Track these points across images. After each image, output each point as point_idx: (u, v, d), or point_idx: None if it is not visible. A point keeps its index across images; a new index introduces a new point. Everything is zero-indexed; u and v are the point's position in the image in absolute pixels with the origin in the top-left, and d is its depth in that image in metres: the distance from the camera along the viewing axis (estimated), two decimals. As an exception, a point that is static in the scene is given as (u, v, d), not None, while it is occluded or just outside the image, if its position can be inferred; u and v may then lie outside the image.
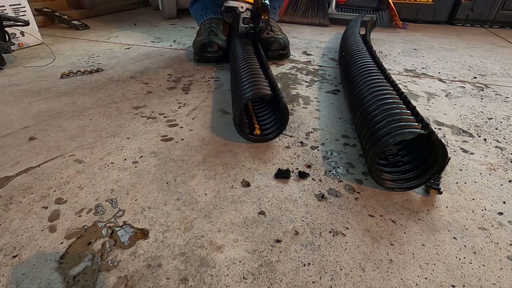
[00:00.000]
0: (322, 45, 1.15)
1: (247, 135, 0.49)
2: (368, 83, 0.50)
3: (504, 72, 0.91)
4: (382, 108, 0.41)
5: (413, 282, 0.29)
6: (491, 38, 1.37)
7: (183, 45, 1.07)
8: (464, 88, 0.78)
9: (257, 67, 0.56)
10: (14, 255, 0.30)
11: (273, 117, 0.53)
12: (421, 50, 1.13)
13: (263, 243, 0.32)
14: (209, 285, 0.28)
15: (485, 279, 0.29)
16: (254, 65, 0.57)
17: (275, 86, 0.50)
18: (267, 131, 0.51)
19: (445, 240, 0.34)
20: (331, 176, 0.43)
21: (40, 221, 0.34)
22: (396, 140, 0.35)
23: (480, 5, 1.54)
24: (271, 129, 0.51)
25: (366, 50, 0.67)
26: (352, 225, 0.35)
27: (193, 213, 0.36)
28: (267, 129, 0.52)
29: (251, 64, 0.57)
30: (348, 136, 0.53)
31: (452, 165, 0.46)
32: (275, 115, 0.52)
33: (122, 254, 0.31)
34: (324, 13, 1.52)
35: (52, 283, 0.28)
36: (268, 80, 0.52)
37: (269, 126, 0.52)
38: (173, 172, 0.43)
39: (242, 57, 0.62)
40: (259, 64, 0.59)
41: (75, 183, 0.40)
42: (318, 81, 0.78)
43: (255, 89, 0.47)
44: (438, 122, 0.59)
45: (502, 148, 0.51)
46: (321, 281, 0.29)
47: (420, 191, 0.40)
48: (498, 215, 0.37)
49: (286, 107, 0.47)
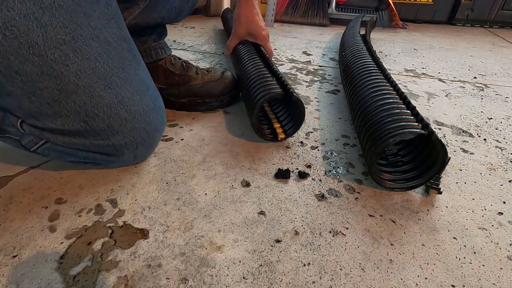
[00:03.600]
0: (322, 45, 1.15)
1: (270, 138, 0.50)
2: (368, 83, 0.50)
3: (504, 72, 0.91)
4: (382, 108, 0.41)
5: (413, 282, 0.29)
6: (491, 38, 1.37)
7: (183, 45, 1.07)
8: (464, 88, 0.78)
9: (262, 66, 0.55)
10: (14, 255, 0.30)
11: (287, 113, 0.53)
12: (421, 50, 1.13)
13: (263, 243, 0.32)
14: (209, 285, 0.28)
15: (485, 279, 0.29)
16: (259, 64, 0.56)
17: (284, 81, 0.50)
18: (285, 127, 0.51)
19: (445, 240, 0.34)
20: (331, 176, 0.43)
21: (40, 221, 0.34)
22: (396, 140, 0.35)
23: (480, 5, 1.54)
24: (288, 125, 0.51)
25: (366, 50, 0.67)
26: (352, 225, 0.35)
27: (193, 213, 0.36)
28: (284, 126, 0.52)
29: (256, 64, 0.56)
30: (348, 136, 0.53)
31: (452, 165, 0.46)
32: (290, 110, 0.52)
33: (122, 254, 0.31)
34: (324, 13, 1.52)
35: (52, 283, 0.28)
36: (275, 77, 0.51)
37: (286, 122, 0.52)
38: (173, 172, 0.43)
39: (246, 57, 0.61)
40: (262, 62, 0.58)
41: (75, 183, 0.40)
42: (318, 81, 0.78)
43: (265, 91, 0.47)
44: (438, 122, 0.59)
45: (502, 148, 0.51)
46: (321, 281, 0.29)
47: (420, 191, 0.40)
48: (498, 215, 0.37)
49: (300, 101, 0.46)
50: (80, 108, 0.33)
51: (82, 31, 0.31)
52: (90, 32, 0.31)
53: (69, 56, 0.30)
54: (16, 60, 0.28)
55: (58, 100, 0.32)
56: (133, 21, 0.50)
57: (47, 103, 0.32)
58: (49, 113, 0.32)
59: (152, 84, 0.41)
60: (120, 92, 0.34)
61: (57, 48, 0.29)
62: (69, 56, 0.30)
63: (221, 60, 0.92)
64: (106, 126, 0.35)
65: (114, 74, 0.34)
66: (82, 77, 0.31)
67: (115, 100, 0.34)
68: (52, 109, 0.32)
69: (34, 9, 0.28)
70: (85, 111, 0.33)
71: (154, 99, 0.39)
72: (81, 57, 0.31)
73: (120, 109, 0.35)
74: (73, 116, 0.33)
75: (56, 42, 0.29)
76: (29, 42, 0.28)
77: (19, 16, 0.27)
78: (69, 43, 0.30)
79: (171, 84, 0.57)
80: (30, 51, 0.28)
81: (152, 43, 0.55)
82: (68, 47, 0.30)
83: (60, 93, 0.31)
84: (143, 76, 0.38)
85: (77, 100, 0.32)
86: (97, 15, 0.32)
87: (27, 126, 0.34)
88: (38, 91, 0.31)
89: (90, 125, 0.34)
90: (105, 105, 0.34)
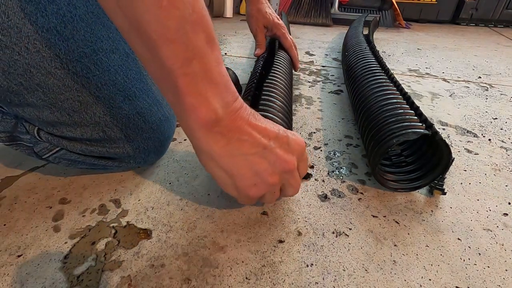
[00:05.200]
0: (325, 45, 1.14)
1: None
2: (371, 83, 0.50)
3: (509, 71, 0.90)
4: (386, 108, 0.41)
5: (417, 284, 0.29)
6: (496, 37, 1.36)
7: (186, 46, 1.07)
8: (468, 88, 0.77)
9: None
10: (19, 255, 0.30)
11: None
12: (424, 50, 1.12)
13: (266, 243, 0.32)
14: (212, 285, 0.28)
15: (490, 281, 0.29)
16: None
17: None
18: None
19: (449, 241, 0.33)
20: (334, 177, 0.43)
21: (44, 220, 0.34)
22: (400, 140, 0.35)
23: (485, 4, 1.53)
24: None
25: (369, 50, 0.67)
26: (355, 226, 0.35)
27: (196, 213, 0.36)
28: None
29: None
30: (351, 136, 0.53)
31: (456, 166, 0.46)
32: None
33: (125, 254, 0.31)
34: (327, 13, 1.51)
35: (56, 283, 0.28)
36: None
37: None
38: (176, 173, 0.43)
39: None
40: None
41: (79, 183, 0.40)
42: (321, 81, 0.78)
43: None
44: (442, 122, 0.59)
45: (507, 149, 0.51)
46: (324, 282, 0.29)
47: (424, 192, 0.40)
48: (503, 216, 0.37)
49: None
50: (99, 119, 0.33)
51: (102, 43, 0.31)
52: (109, 44, 0.32)
53: (90, 69, 0.30)
54: (38, 73, 0.28)
55: (78, 111, 0.32)
56: None
57: (68, 114, 0.32)
58: (68, 123, 0.33)
59: None
60: (139, 103, 0.35)
61: (78, 61, 0.29)
62: (90, 69, 0.30)
63: (224, 61, 0.93)
64: (124, 136, 0.35)
65: (133, 85, 0.34)
66: (102, 89, 0.32)
67: (134, 111, 0.34)
68: (72, 119, 0.32)
69: (57, 22, 0.27)
70: (104, 122, 0.33)
71: (169, 108, 0.39)
72: (102, 69, 0.31)
73: (138, 119, 0.35)
74: (92, 126, 0.33)
75: (78, 55, 0.29)
76: (51, 56, 0.28)
77: (42, 30, 0.27)
78: (90, 56, 0.30)
79: None
80: (52, 64, 0.28)
81: None
82: (89, 60, 0.30)
83: (81, 105, 0.32)
84: None
85: (97, 112, 0.32)
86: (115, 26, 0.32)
87: (44, 134, 0.35)
88: (59, 103, 0.31)
89: (108, 135, 0.34)
90: (124, 116, 0.34)
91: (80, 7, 0.29)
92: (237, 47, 1.07)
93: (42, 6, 0.27)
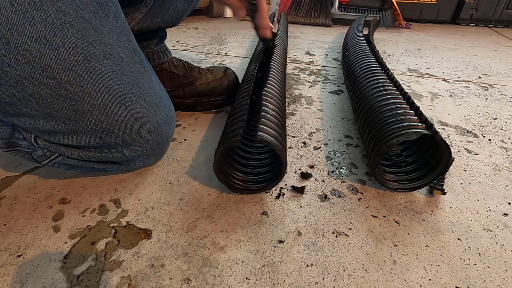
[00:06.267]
0: (325, 45, 1.14)
1: None
2: (371, 83, 0.50)
3: (509, 71, 0.90)
4: (386, 108, 0.41)
5: (417, 284, 0.29)
6: (496, 37, 1.36)
7: (185, 46, 1.07)
8: (468, 88, 0.77)
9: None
10: (19, 255, 0.30)
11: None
12: (424, 50, 1.12)
13: (266, 243, 0.32)
14: (212, 285, 0.28)
15: (490, 281, 0.29)
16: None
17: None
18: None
19: (449, 241, 0.33)
20: (334, 177, 0.43)
21: (44, 220, 0.34)
22: (400, 141, 0.35)
23: (485, 4, 1.53)
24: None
25: (369, 50, 0.67)
26: (355, 226, 0.35)
27: (196, 213, 0.36)
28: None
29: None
30: (351, 136, 0.53)
31: (456, 166, 0.46)
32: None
33: (125, 254, 0.31)
34: (327, 13, 1.51)
35: (56, 283, 0.28)
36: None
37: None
38: (176, 172, 0.43)
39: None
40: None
41: (79, 183, 0.40)
42: (321, 81, 0.78)
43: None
44: (442, 123, 0.59)
45: (507, 149, 0.51)
46: (324, 282, 0.29)
47: (424, 192, 0.40)
48: (503, 216, 0.37)
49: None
50: (95, 126, 0.33)
51: (94, 49, 0.30)
52: (102, 50, 0.31)
53: (83, 77, 0.30)
54: (30, 84, 0.28)
55: (73, 120, 0.31)
56: (136, 27, 0.50)
57: (63, 122, 0.32)
58: (64, 131, 0.32)
59: (164, 93, 0.40)
60: (135, 108, 0.34)
61: (70, 70, 0.29)
62: (83, 77, 0.30)
63: (224, 61, 0.93)
64: (121, 141, 0.35)
65: (128, 91, 0.34)
66: (97, 96, 0.31)
67: (130, 117, 0.34)
68: (68, 128, 0.32)
69: (46, 31, 0.26)
70: (100, 129, 0.33)
71: (167, 110, 0.39)
72: (95, 77, 0.30)
73: (135, 125, 0.35)
74: (89, 134, 0.33)
75: (70, 64, 0.28)
76: (42, 66, 0.27)
77: (30, 39, 0.26)
78: (82, 63, 0.29)
79: (176, 86, 0.57)
80: (44, 74, 0.28)
81: (154, 47, 0.55)
82: (81, 68, 0.29)
83: (76, 113, 0.31)
84: (156, 87, 0.38)
85: (92, 119, 0.32)
86: (107, 30, 0.31)
87: (41, 141, 0.34)
88: (54, 112, 0.30)
89: (106, 141, 0.34)
90: (120, 122, 0.34)
91: (70, 13, 0.28)
92: (237, 47, 1.08)
93: (29, 14, 0.25)
